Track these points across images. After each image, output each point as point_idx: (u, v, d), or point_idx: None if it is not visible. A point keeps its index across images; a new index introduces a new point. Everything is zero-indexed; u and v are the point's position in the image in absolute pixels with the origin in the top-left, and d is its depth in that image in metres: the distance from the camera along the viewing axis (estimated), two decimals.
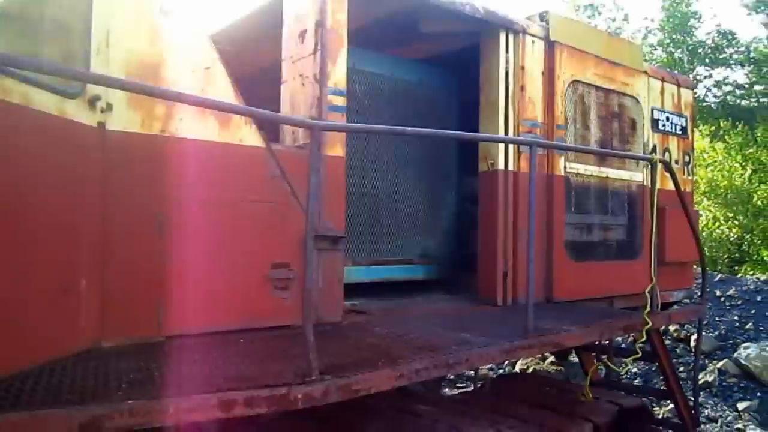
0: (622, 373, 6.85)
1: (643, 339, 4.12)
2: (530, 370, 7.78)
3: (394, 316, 3.94)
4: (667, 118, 6.04)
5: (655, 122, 5.88)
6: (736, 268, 13.37)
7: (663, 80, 6.05)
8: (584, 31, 5.38)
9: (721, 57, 26.64)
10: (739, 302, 8.05)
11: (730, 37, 26.35)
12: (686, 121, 6.34)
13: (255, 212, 3.22)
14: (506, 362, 8.60)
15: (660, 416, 5.97)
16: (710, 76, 27.52)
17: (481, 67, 4.73)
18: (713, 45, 26.77)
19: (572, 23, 5.40)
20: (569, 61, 4.94)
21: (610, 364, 4.64)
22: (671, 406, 5.54)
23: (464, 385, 7.63)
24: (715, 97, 26.37)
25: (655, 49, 27.09)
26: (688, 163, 6.45)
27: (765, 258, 12.09)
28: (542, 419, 3.91)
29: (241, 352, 2.85)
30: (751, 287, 8.41)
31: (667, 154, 6.05)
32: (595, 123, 5.20)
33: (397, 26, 4.75)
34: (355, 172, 4.45)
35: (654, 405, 6.07)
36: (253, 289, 3.21)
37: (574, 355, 8.02)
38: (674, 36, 25.45)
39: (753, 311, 7.88)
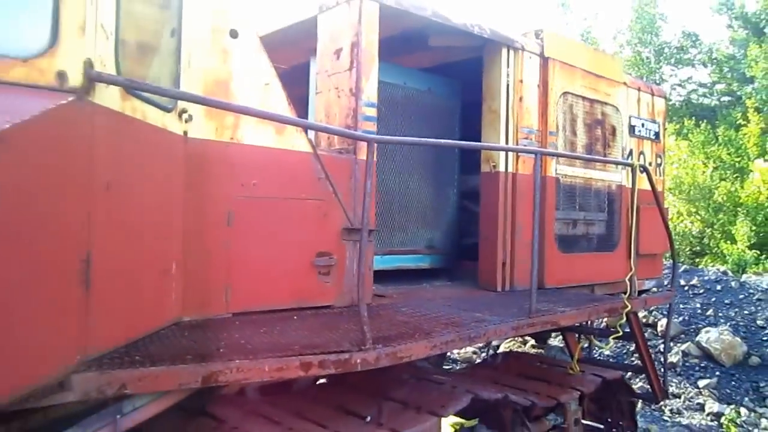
0: (598, 351, 7.56)
1: (623, 320, 4.78)
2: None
3: (412, 299, 4.51)
4: (643, 125, 6.72)
5: (632, 128, 6.55)
6: (697, 260, 14.30)
7: (639, 90, 6.72)
8: (573, 47, 6.00)
9: (685, 57, 27.79)
10: (701, 291, 8.86)
11: (694, 38, 27.48)
12: (659, 126, 7.03)
13: (303, 208, 3.75)
14: (488, 346, 9.31)
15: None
16: (675, 75, 28.73)
17: (484, 79, 5.31)
18: (678, 46, 27.91)
19: (563, 40, 6.01)
20: (561, 75, 5.55)
21: (594, 340, 5.28)
22: (640, 379, 6.26)
23: (449, 367, 8.26)
24: (680, 96, 27.51)
25: (624, 48, 28.11)
26: (660, 164, 7.16)
27: (724, 251, 13.01)
28: (538, 388, 4.55)
29: (299, 326, 3.38)
30: (712, 278, 9.24)
31: (642, 156, 6.72)
32: (581, 129, 5.83)
33: (405, 38, 5.27)
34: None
35: (629, 379, 6.77)
36: (301, 274, 3.74)
37: (552, 338, 8.75)
38: (642, 36, 26.43)
39: (713, 299, 8.70)
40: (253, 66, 3.51)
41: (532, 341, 8.55)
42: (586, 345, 5.90)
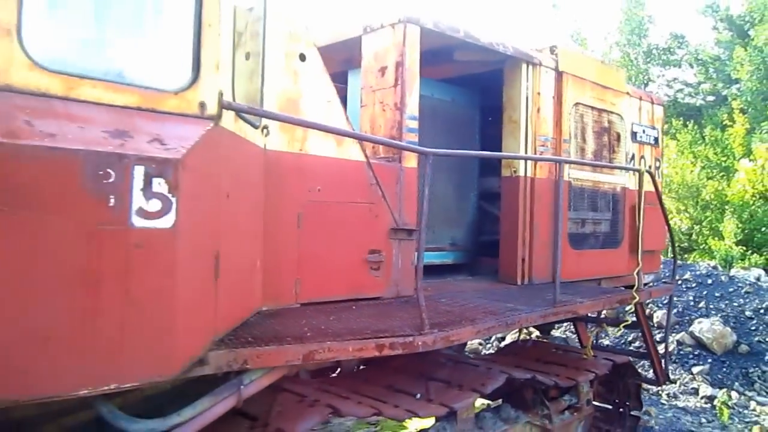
0: (597, 341, 8.12)
1: (632, 310, 5.32)
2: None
3: (446, 292, 5.01)
4: (643, 131, 7.27)
5: (634, 134, 7.09)
6: (686, 255, 14.96)
7: (640, 99, 7.27)
8: (583, 61, 6.52)
9: (672, 58, 28.53)
10: (693, 285, 9.46)
11: (681, 39, 28.21)
12: (657, 132, 7.59)
13: (358, 211, 4.23)
14: (493, 337, 9.86)
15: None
16: (663, 76, 29.48)
17: (505, 91, 5.81)
18: (666, 47, 28.65)
19: (575, 55, 6.53)
20: (573, 87, 6.07)
21: (607, 328, 5.82)
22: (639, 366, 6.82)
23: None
24: (667, 96, 28.21)
25: (613, 49, 28.79)
26: (658, 167, 7.73)
27: (712, 247, 13.67)
28: (557, 371, 5.07)
29: (360, 315, 3.87)
30: (703, 272, 9.86)
31: (642, 160, 7.29)
32: (590, 137, 6.36)
33: (433, 53, 5.76)
34: None
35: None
36: (356, 268, 4.23)
37: (555, 329, 9.31)
38: (630, 38, 27.10)
39: (705, 292, 9.31)
40: (318, 86, 3.98)
41: (536, 332, 9.10)
42: (592, 333, 6.45)
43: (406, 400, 3.95)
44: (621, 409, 5.84)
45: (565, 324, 9.03)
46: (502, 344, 9.67)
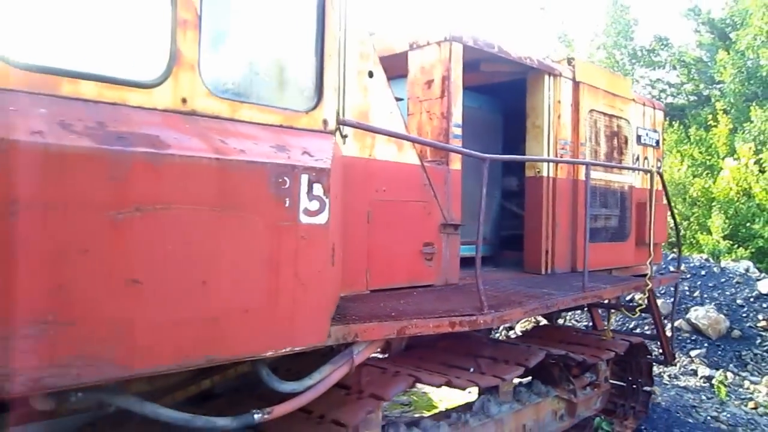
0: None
1: (646, 295, 5.97)
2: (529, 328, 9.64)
3: (483, 280, 5.58)
4: (647, 134, 7.93)
5: (638, 138, 7.74)
6: (675, 249, 15.75)
7: (644, 105, 7.93)
8: (596, 71, 7.15)
9: (656, 60, 29.43)
10: (688, 276, 10.17)
11: (665, 42, 29.11)
12: (659, 135, 8.26)
13: (414, 208, 4.80)
14: (501, 327, 10.49)
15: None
16: (647, 77, 30.37)
17: (528, 100, 6.41)
18: (650, 48, 29.53)
19: (589, 66, 7.16)
20: (588, 95, 6.70)
21: (626, 312, 6.44)
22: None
23: None
24: (652, 96, 29.11)
25: (599, 50, 29.61)
26: (659, 167, 8.39)
27: (700, 241, 14.46)
28: (582, 350, 5.69)
29: (423, 299, 4.44)
30: (697, 264, 10.60)
31: (646, 161, 7.95)
32: (603, 140, 7.00)
33: (463, 64, 6.34)
34: None
35: None
36: (414, 259, 4.80)
37: (561, 318, 9.94)
38: (617, 40, 27.93)
39: (699, 283, 10.04)
40: (383, 99, 4.54)
41: (544, 320, 9.75)
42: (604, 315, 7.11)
43: (463, 374, 4.54)
44: (634, 386, 6.48)
45: (570, 312, 9.68)
46: (511, 333, 10.32)
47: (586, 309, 8.59)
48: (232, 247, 2.40)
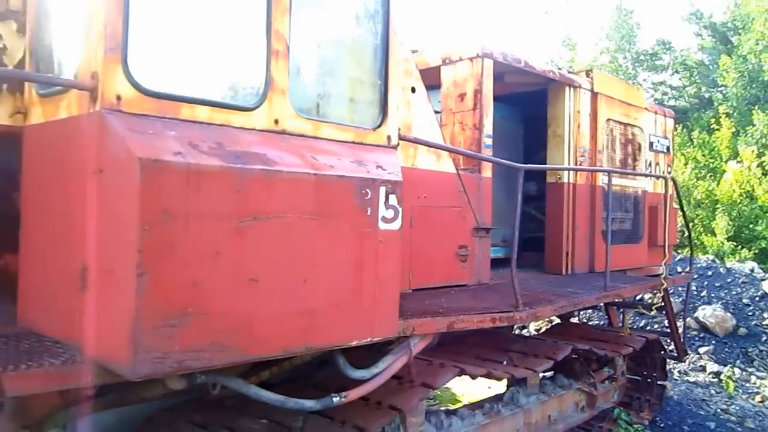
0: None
1: (661, 294, 6.34)
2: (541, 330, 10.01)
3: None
4: (658, 141, 8.31)
5: (651, 144, 8.12)
6: (679, 251, 16.12)
7: (656, 113, 8.31)
8: (613, 82, 7.53)
9: (659, 63, 29.83)
10: (696, 276, 10.55)
11: (667, 46, 29.51)
12: (669, 142, 8.64)
13: (451, 213, 5.17)
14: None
15: None
16: (648, 80, 30.77)
17: (550, 110, 6.79)
18: (652, 52, 29.94)
19: (606, 77, 7.54)
20: (605, 105, 7.07)
21: (643, 309, 6.81)
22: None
23: None
24: (655, 99, 29.50)
25: (603, 54, 30.01)
26: (670, 172, 8.77)
27: (705, 243, 14.84)
28: (602, 346, 6.06)
29: (461, 297, 4.80)
30: (704, 265, 10.99)
31: (657, 166, 8.32)
32: (618, 147, 7.37)
33: None
34: None
35: None
36: (450, 261, 5.17)
37: (574, 316, 10.28)
38: (620, 44, 28.33)
39: (706, 283, 10.42)
40: (423, 112, 4.91)
41: (557, 319, 10.12)
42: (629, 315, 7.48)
43: (498, 366, 4.91)
44: (649, 380, 6.85)
45: (583, 311, 10.04)
46: (524, 331, 10.68)
47: (599, 308, 8.98)
48: (326, 250, 2.77)
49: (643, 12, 35.50)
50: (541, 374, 5.79)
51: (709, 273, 10.71)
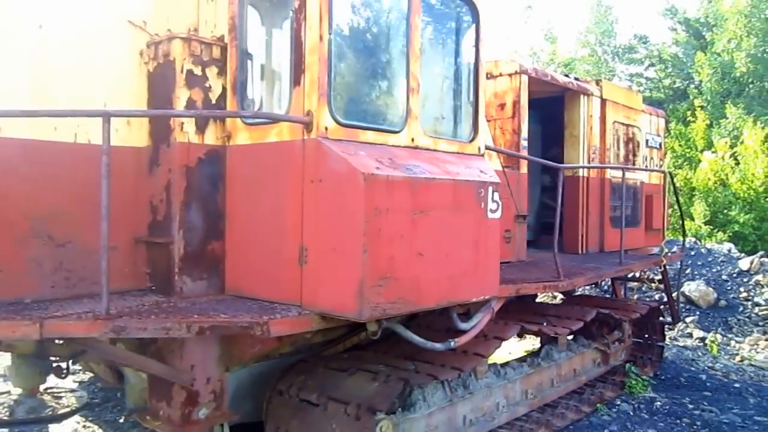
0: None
1: (662, 269, 7.61)
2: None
3: (540, 258, 7.17)
4: (653, 138, 9.58)
5: (647, 141, 9.38)
6: (667, 234, 17.58)
7: (650, 114, 9.57)
8: (617, 90, 8.75)
9: (636, 57, 31.35)
10: (684, 255, 11.93)
11: (644, 40, 31.03)
12: (661, 139, 9.92)
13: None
14: None
15: None
16: (626, 72, 32.29)
17: (567, 114, 7.97)
18: (629, 46, 31.44)
19: (613, 86, 8.76)
20: (612, 110, 8.29)
21: (647, 282, 8.08)
22: None
23: None
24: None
25: (584, 47, 31.42)
26: (661, 166, 10.07)
27: (684, 227, 16.30)
28: (612, 312, 7.30)
29: (512, 271, 5.96)
30: (688, 246, 12.38)
31: (652, 161, 9.60)
32: (622, 145, 8.61)
33: None
34: None
35: None
36: (501, 242, 6.33)
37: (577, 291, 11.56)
38: (600, 38, 29.75)
39: (690, 261, 11.81)
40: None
41: (561, 295, 11.40)
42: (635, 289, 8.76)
43: (541, 326, 6.10)
44: (649, 342, 8.14)
45: (581, 288, 11.31)
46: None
47: (596, 285, 10.28)
48: (459, 233, 3.90)
49: (622, 7, 36.95)
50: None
51: (692, 253, 12.11)
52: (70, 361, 4.23)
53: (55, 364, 4.19)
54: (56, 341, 4.02)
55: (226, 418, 4.02)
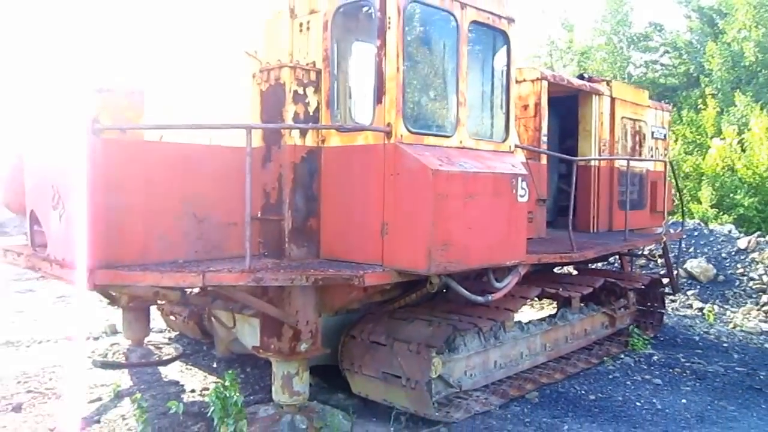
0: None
1: (662, 245, 8.84)
2: None
3: (557, 236, 8.43)
4: (658, 131, 10.75)
5: (652, 133, 10.56)
6: (668, 217, 18.69)
7: (656, 108, 10.74)
8: (626, 88, 9.93)
9: (651, 45, 32.13)
10: (685, 236, 13.10)
11: (659, 28, 31.78)
12: (666, 131, 11.09)
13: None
14: None
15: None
16: (642, 60, 33.08)
17: (581, 112, 9.18)
18: (644, 34, 32.21)
19: (621, 85, 9.95)
20: (620, 107, 9.48)
21: (649, 257, 9.32)
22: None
23: None
24: (648, 77, 31.88)
25: (600, 36, 32.23)
26: (665, 155, 11.24)
27: (692, 209, 17.42)
28: (618, 281, 8.56)
29: (534, 246, 7.23)
30: (691, 227, 13.58)
31: (657, 151, 10.78)
32: (629, 138, 9.80)
33: None
34: None
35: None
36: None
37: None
38: (616, 27, 30.56)
39: (693, 241, 13.00)
40: None
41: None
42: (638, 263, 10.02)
43: (557, 291, 7.39)
44: (651, 309, 9.40)
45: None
46: None
47: (609, 262, 11.50)
48: (496, 213, 5.20)
49: None
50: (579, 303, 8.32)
51: (695, 234, 13.30)
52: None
53: None
54: (193, 292, 5.41)
55: (320, 351, 5.37)
